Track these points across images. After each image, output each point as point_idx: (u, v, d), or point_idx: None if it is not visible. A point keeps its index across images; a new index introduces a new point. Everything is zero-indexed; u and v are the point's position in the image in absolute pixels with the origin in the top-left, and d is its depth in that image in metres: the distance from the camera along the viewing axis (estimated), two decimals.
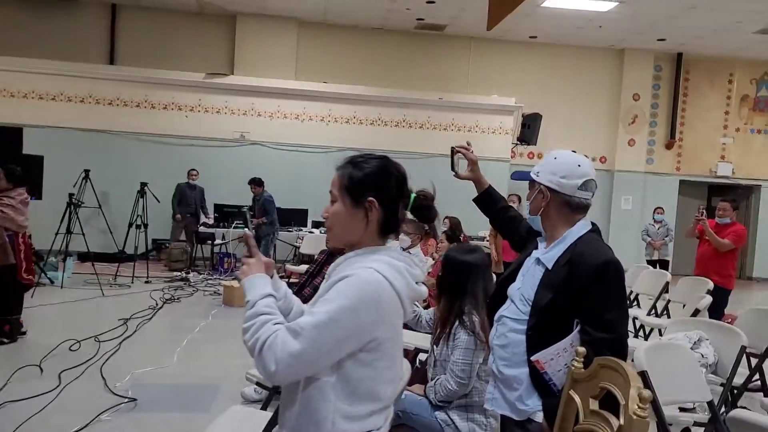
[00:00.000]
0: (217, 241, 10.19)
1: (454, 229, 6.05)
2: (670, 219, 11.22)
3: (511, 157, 12.35)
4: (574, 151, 2.25)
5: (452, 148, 2.52)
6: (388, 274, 1.52)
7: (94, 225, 10.84)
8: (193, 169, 10.45)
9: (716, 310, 5.43)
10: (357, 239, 1.61)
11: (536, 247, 2.20)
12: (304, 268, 7.25)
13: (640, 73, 13.06)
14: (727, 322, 5.29)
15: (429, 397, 2.70)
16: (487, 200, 2.54)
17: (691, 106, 13.45)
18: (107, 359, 4.91)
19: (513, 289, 2.17)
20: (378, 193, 1.59)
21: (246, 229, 2.37)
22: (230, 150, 11.39)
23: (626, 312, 2.04)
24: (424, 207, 1.70)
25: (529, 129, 11.98)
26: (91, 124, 11.03)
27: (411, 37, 12.57)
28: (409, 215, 1.71)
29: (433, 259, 5.28)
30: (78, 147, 10.87)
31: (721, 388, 3.27)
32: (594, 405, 1.73)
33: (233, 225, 9.77)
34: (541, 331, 2.00)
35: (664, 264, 9.59)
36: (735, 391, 3.59)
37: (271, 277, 1.71)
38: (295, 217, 10.42)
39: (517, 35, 12.44)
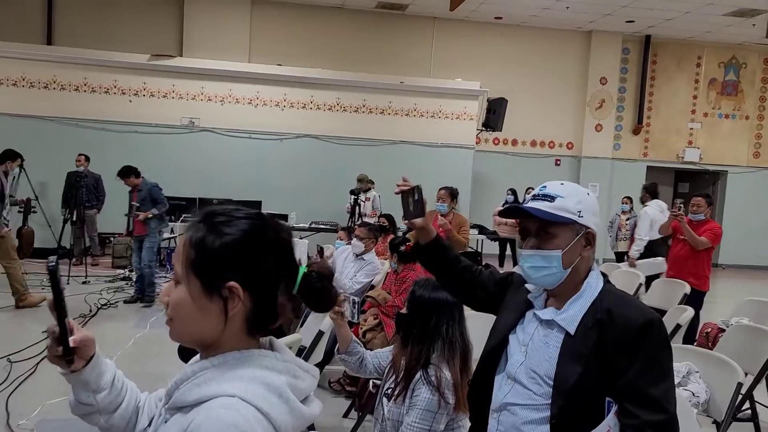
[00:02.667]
0: (165, 236, 9.53)
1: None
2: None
3: (476, 144, 11.91)
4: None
5: (416, 187, 1.83)
6: (263, 404, 0.98)
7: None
8: (81, 155, 9.40)
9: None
10: (212, 339, 1.06)
11: (527, 305, 1.68)
12: None
13: (607, 57, 12.70)
14: (707, 333, 4.96)
15: None
16: (439, 250, 1.90)
17: (659, 90, 13.17)
18: (18, 386, 4.30)
19: (513, 365, 1.64)
20: (244, 275, 1.03)
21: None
22: (178, 137, 10.66)
23: (674, 383, 1.55)
24: (318, 288, 1.12)
25: (494, 114, 11.52)
26: (25, 110, 10.14)
27: (371, 18, 11.94)
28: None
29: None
30: (11, 134, 9.97)
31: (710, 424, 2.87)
32: None
33: (180, 219, 9.11)
34: (570, 417, 1.51)
35: None
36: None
37: (91, 358, 1.15)
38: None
39: (482, 16, 11.92)
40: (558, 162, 12.86)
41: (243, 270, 1.03)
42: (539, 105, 12.57)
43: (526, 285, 1.72)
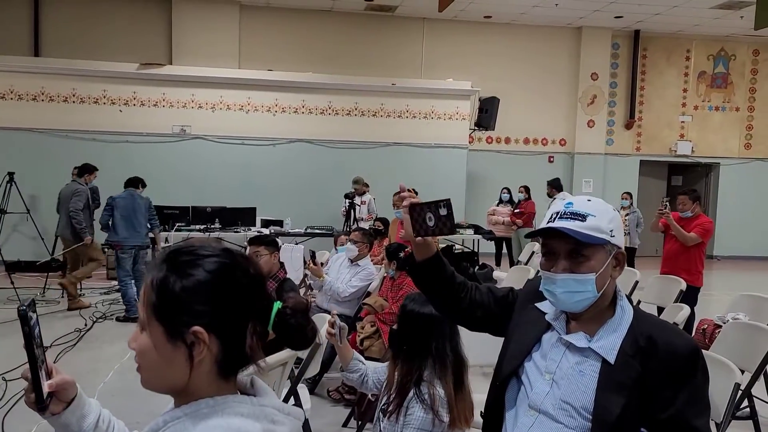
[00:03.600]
0: (162, 244, 9.49)
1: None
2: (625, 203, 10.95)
3: (470, 143, 11.91)
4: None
5: (446, 201, 1.59)
6: None
7: (23, 232, 10.08)
8: (76, 168, 8.85)
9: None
10: (181, 386, 1.00)
11: (546, 327, 1.60)
12: None
13: (597, 52, 12.72)
14: (703, 329, 4.96)
15: None
16: (437, 267, 1.70)
17: (650, 84, 13.20)
18: (13, 405, 4.26)
19: (538, 396, 1.53)
20: (210, 318, 0.97)
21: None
22: (170, 146, 10.63)
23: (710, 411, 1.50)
24: (293, 325, 1.06)
25: (486, 113, 11.53)
26: (14, 122, 10.11)
27: (361, 20, 11.92)
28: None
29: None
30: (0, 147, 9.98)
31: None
32: None
33: (174, 228, 9.07)
34: None
35: (631, 252, 9.30)
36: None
37: (72, 399, 1.13)
38: (243, 216, 9.73)
39: (471, 15, 11.92)
40: (551, 159, 12.87)
41: (208, 313, 0.97)
42: (531, 102, 12.58)
43: (537, 305, 1.63)
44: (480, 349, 2.65)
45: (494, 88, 11.80)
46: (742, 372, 3.40)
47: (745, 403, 3.36)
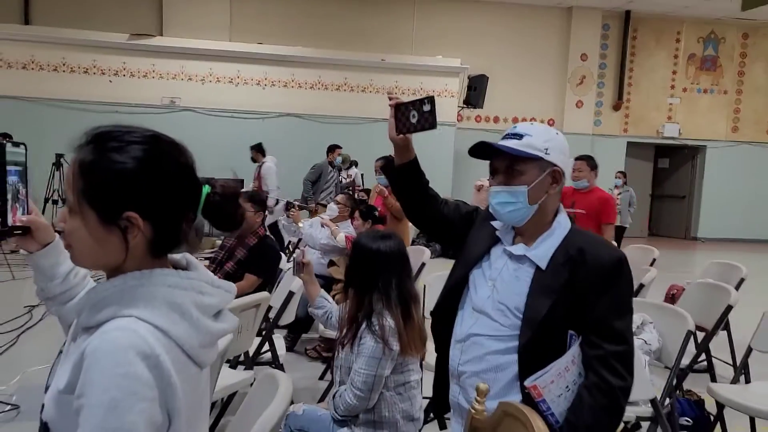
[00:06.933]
0: None
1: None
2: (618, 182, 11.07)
3: (458, 121, 11.97)
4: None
5: (429, 97, 1.79)
6: (162, 321, 0.95)
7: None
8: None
9: None
10: (114, 265, 1.02)
11: (493, 241, 1.75)
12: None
13: (588, 33, 12.77)
14: (673, 294, 5.09)
15: (331, 412, 2.30)
16: (415, 171, 1.87)
17: (639, 66, 13.27)
18: None
19: (480, 299, 1.70)
20: (142, 204, 0.98)
21: None
22: (159, 117, 10.62)
23: (632, 317, 1.64)
24: (222, 209, 1.08)
25: (475, 91, 11.59)
26: (3, 90, 10.09)
27: None
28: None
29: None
30: None
31: (665, 371, 2.99)
32: None
33: None
34: (537, 348, 1.58)
35: (621, 230, 9.40)
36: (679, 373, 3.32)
37: (49, 244, 1.23)
38: None
39: None
40: None
41: (140, 199, 0.98)
42: (520, 82, 12.64)
43: (492, 222, 1.77)
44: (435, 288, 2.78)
45: (483, 66, 11.85)
46: (704, 330, 3.54)
47: (703, 357, 3.50)
